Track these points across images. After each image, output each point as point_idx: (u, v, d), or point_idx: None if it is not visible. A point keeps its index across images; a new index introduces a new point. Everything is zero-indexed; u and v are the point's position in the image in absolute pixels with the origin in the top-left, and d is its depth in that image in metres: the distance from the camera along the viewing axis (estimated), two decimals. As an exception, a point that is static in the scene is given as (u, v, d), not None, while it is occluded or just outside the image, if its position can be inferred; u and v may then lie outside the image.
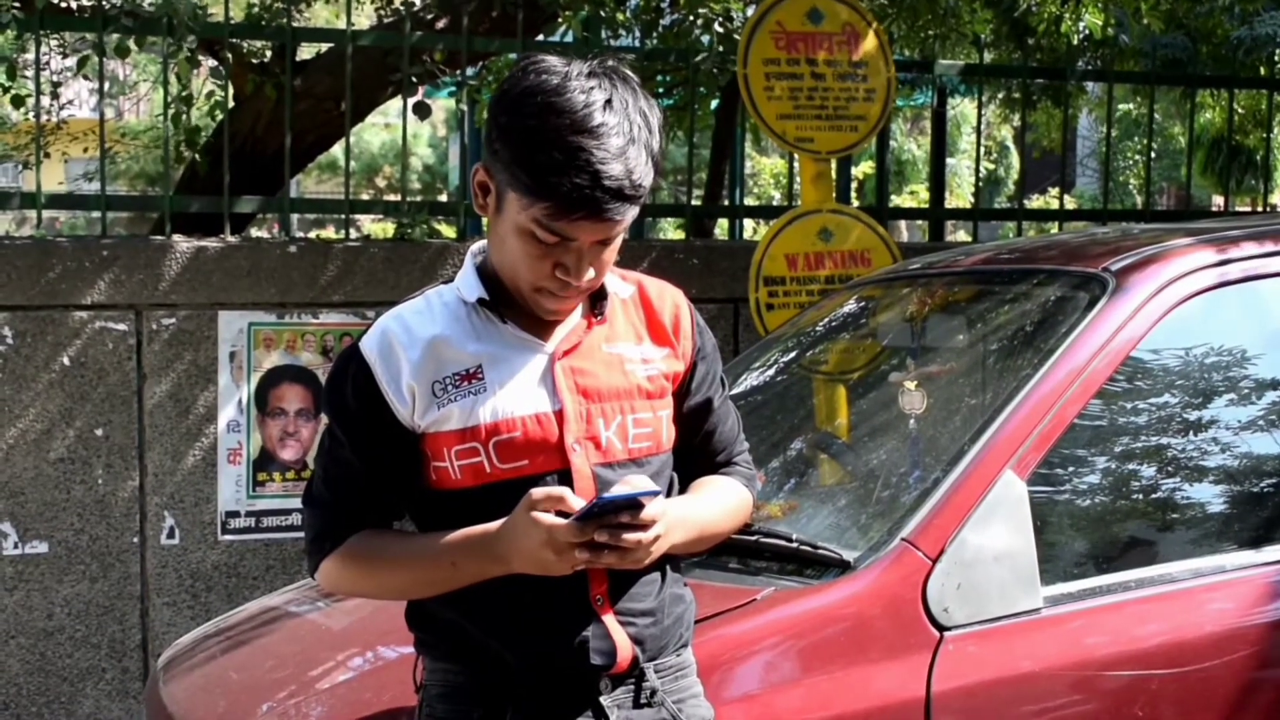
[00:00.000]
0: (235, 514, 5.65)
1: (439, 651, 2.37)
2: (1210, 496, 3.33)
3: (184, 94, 6.31)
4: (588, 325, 2.35)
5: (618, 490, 2.19)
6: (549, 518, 2.13)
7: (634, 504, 2.15)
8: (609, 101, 2.17)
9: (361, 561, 2.34)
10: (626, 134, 2.17)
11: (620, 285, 2.43)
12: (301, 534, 5.61)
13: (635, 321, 2.42)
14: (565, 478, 2.27)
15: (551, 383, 2.30)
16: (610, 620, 2.30)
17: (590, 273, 2.24)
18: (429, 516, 2.37)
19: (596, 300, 2.37)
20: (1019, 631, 2.87)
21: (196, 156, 6.68)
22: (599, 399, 2.32)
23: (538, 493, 2.16)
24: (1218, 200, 15.68)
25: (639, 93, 2.24)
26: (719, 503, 2.47)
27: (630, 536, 2.13)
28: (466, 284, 2.34)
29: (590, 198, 2.13)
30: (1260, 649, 2.98)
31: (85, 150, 7.27)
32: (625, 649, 2.30)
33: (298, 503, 5.66)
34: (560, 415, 2.29)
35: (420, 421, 2.29)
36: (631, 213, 2.21)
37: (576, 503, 2.14)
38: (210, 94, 6.87)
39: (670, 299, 2.46)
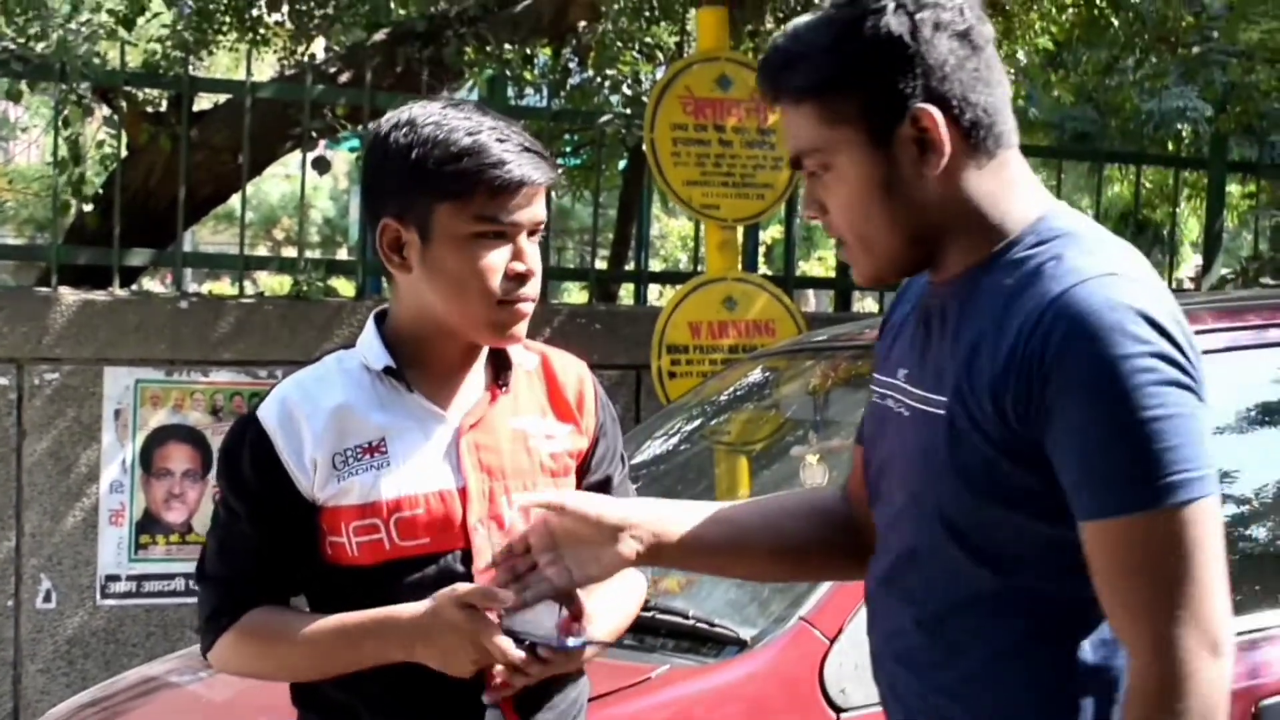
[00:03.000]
0: (116, 577, 5.58)
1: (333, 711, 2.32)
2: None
3: (73, 140, 6.26)
4: (492, 397, 2.34)
5: (545, 619, 2.18)
6: (480, 624, 2.11)
7: (569, 651, 2.16)
8: (468, 113, 2.27)
9: (258, 639, 2.28)
10: (503, 122, 2.27)
11: (524, 356, 2.41)
12: (184, 600, 5.58)
13: (538, 394, 2.40)
14: (466, 557, 2.25)
15: (456, 458, 2.27)
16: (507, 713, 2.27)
17: (537, 264, 2.26)
18: (322, 593, 2.31)
19: (500, 370, 2.36)
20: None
21: (85, 206, 6.62)
22: (502, 476, 2.30)
23: (471, 593, 2.13)
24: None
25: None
26: (624, 611, 2.44)
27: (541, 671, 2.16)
28: (371, 350, 2.31)
29: (514, 163, 2.19)
30: None
31: (-31, 197, 7.18)
32: None
33: (181, 567, 5.64)
34: (464, 493, 2.26)
35: (319, 494, 2.25)
36: (549, 181, 2.25)
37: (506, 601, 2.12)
38: (101, 143, 6.81)
39: (574, 372, 2.46)
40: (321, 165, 6.78)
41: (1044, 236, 1.88)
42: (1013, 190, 1.92)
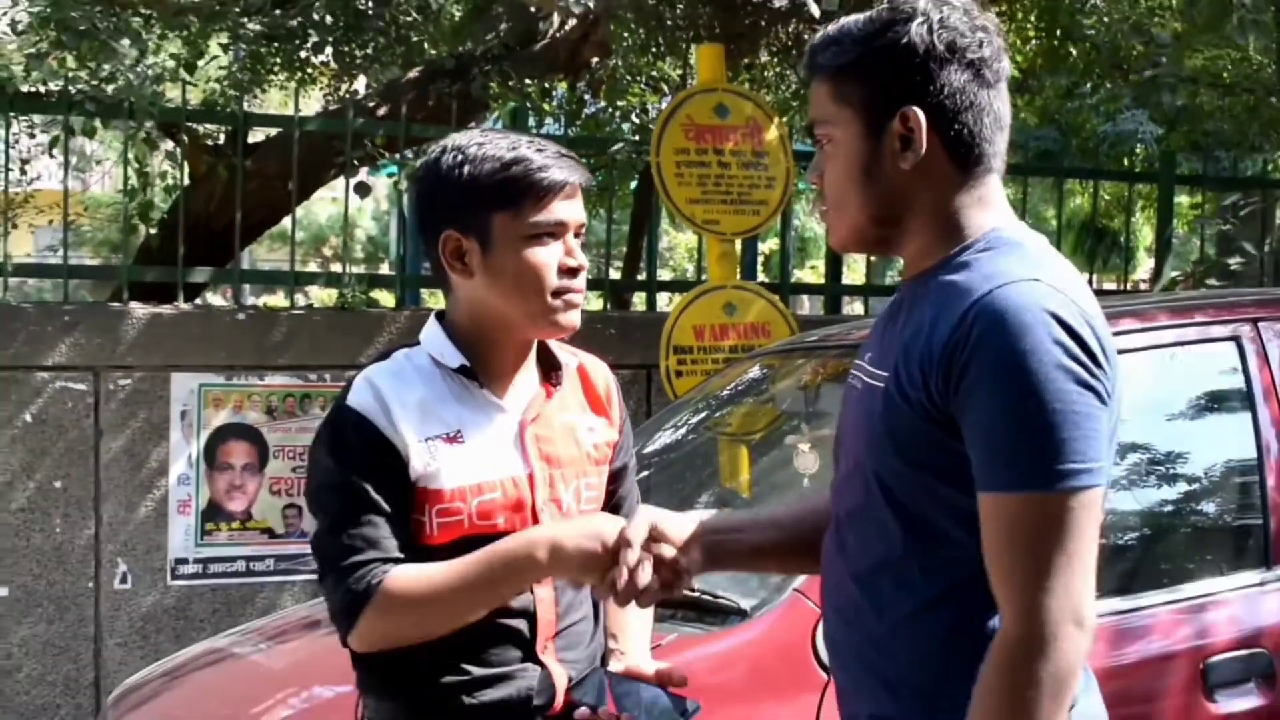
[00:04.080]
0: (184, 561, 5.60)
1: (381, 691, 2.31)
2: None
3: (142, 172, 6.29)
4: (547, 394, 2.36)
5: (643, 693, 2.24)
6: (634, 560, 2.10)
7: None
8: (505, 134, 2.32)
9: (408, 597, 2.15)
10: (531, 138, 2.31)
11: (567, 358, 2.43)
12: (245, 580, 5.60)
13: (578, 393, 2.43)
14: None
15: (522, 448, 2.30)
16: (552, 663, 2.28)
17: (585, 260, 2.30)
18: None
19: (550, 370, 2.38)
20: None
21: (150, 230, 6.64)
22: (559, 465, 2.32)
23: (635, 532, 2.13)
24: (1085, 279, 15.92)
25: None
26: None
27: None
28: (443, 349, 2.30)
29: (555, 168, 2.24)
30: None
31: (50, 223, 7.20)
32: (563, 690, 2.29)
33: (242, 550, 5.66)
34: (531, 479, 2.28)
35: (416, 468, 2.20)
36: (585, 181, 2.29)
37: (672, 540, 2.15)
38: (164, 173, 6.84)
39: (602, 374, 2.49)
40: (363, 190, 6.80)
41: (991, 244, 1.91)
42: (980, 206, 1.95)
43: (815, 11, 5.60)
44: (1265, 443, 3.39)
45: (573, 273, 2.27)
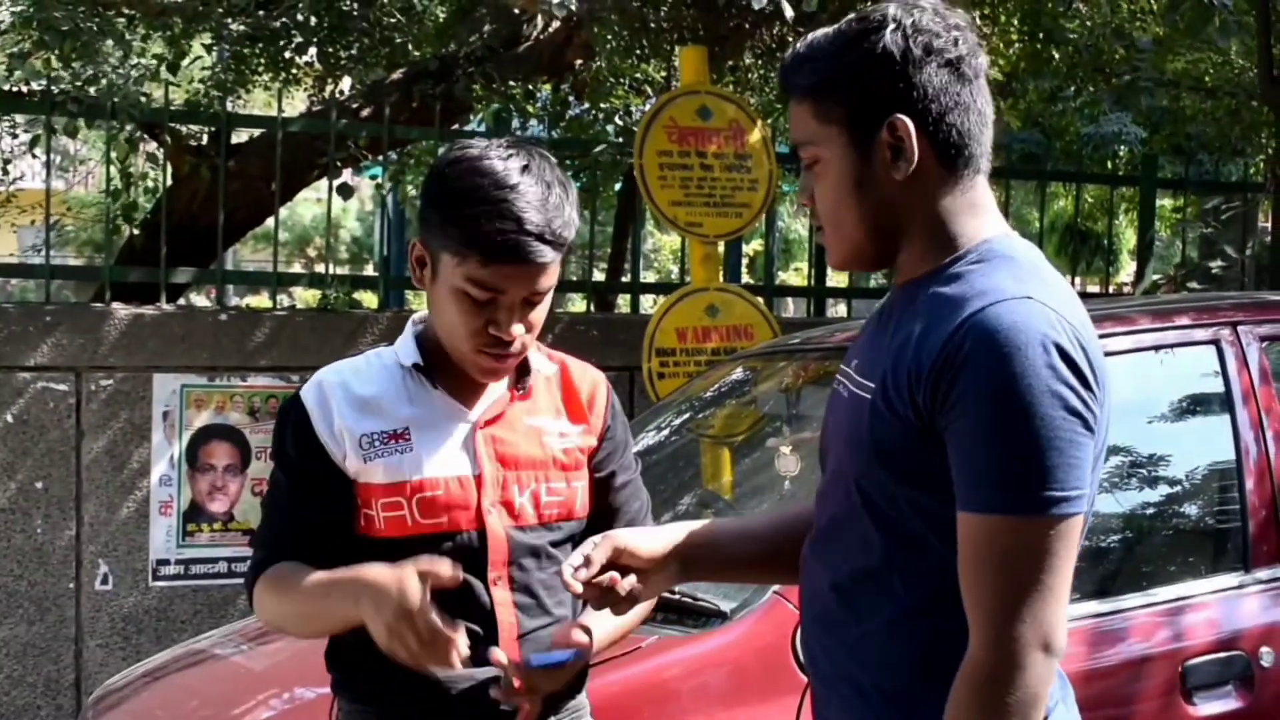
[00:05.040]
0: (165, 562, 5.58)
1: (353, 693, 2.33)
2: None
3: (125, 172, 6.27)
4: (510, 398, 2.34)
5: (542, 652, 2.20)
6: (420, 601, 2.05)
7: (559, 665, 2.17)
8: (526, 166, 2.19)
9: (274, 588, 2.27)
10: (544, 189, 2.17)
11: (544, 363, 2.41)
12: (227, 581, 5.59)
13: (555, 398, 2.40)
14: (480, 537, 2.26)
15: (473, 449, 2.28)
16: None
17: (520, 329, 2.20)
18: (357, 561, 2.26)
19: (521, 375, 2.35)
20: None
21: (134, 230, 6.63)
22: (515, 466, 2.30)
23: (423, 561, 2.09)
24: (1068, 281, 15.95)
25: (554, 164, 2.26)
26: (618, 624, 2.40)
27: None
28: (404, 349, 2.32)
29: (515, 243, 2.12)
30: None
31: (32, 222, 7.19)
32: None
33: (225, 551, 5.65)
34: (479, 480, 2.27)
35: (349, 466, 2.26)
36: (555, 263, 2.18)
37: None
38: (144, 174, 6.83)
39: (590, 379, 2.45)
40: (345, 191, 6.79)
41: (984, 256, 1.89)
42: (972, 212, 1.93)
43: (789, 14, 5.59)
44: (1244, 446, 3.41)
45: (499, 342, 2.21)
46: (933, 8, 1.92)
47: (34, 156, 6.58)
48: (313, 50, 7.93)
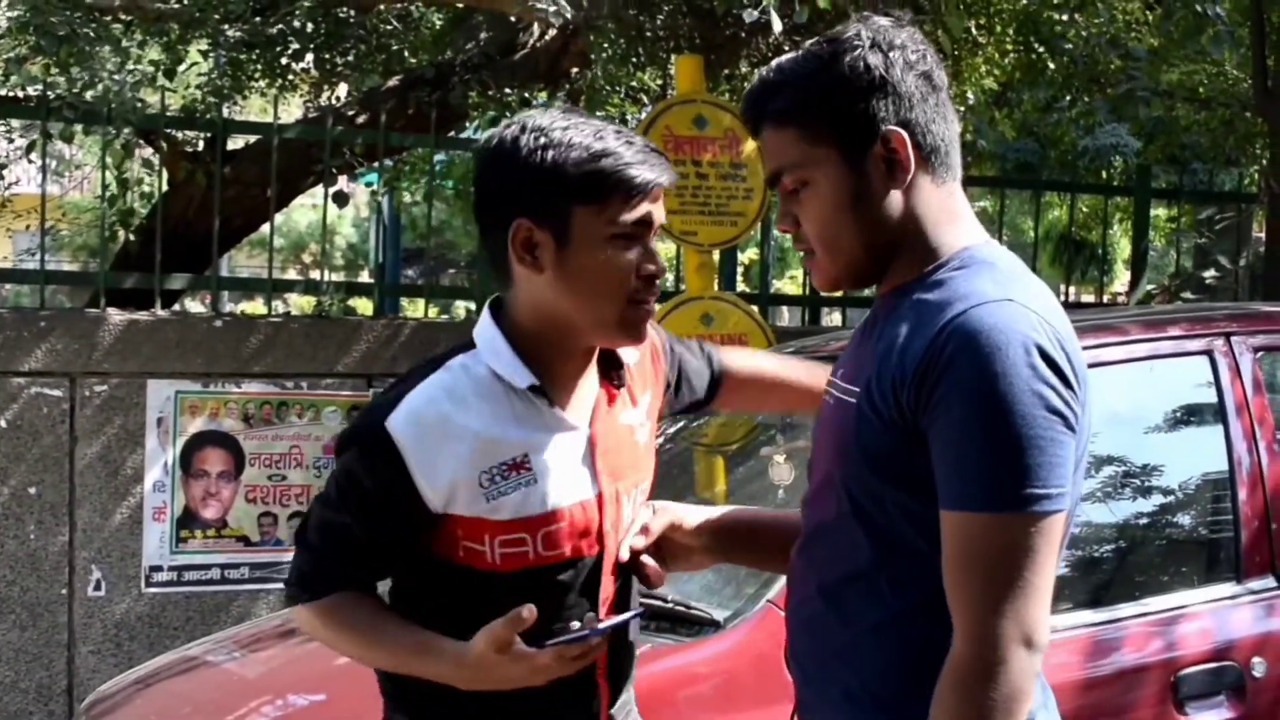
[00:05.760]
0: (159, 568, 5.58)
1: (416, 713, 2.20)
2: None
3: (121, 178, 6.27)
4: (609, 398, 2.20)
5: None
6: (526, 652, 2.01)
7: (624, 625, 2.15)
8: (570, 116, 2.14)
9: (337, 623, 2.14)
10: (618, 126, 2.14)
11: (629, 351, 2.26)
12: (219, 587, 5.58)
13: (632, 383, 2.28)
14: (597, 561, 2.16)
15: (591, 465, 2.15)
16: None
17: (664, 264, 2.13)
18: (439, 587, 2.15)
19: (611, 368, 2.22)
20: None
21: (130, 236, 6.63)
22: (621, 476, 2.20)
23: (502, 631, 2.00)
24: (1063, 290, 15.99)
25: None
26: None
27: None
28: (508, 366, 2.11)
29: (646, 164, 2.07)
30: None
31: (27, 227, 7.18)
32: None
33: (218, 558, 5.65)
34: (600, 500, 2.15)
35: (461, 510, 2.08)
36: (672, 182, 2.11)
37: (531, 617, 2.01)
38: (140, 180, 6.83)
39: (648, 341, 2.30)
40: (340, 199, 6.80)
41: (966, 263, 1.92)
42: (952, 219, 1.97)
43: (777, 27, 5.59)
44: (1237, 457, 3.41)
45: (651, 279, 2.10)
46: (890, 23, 1.96)
47: (30, 161, 6.57)
48: (309, 57, 7.94)
